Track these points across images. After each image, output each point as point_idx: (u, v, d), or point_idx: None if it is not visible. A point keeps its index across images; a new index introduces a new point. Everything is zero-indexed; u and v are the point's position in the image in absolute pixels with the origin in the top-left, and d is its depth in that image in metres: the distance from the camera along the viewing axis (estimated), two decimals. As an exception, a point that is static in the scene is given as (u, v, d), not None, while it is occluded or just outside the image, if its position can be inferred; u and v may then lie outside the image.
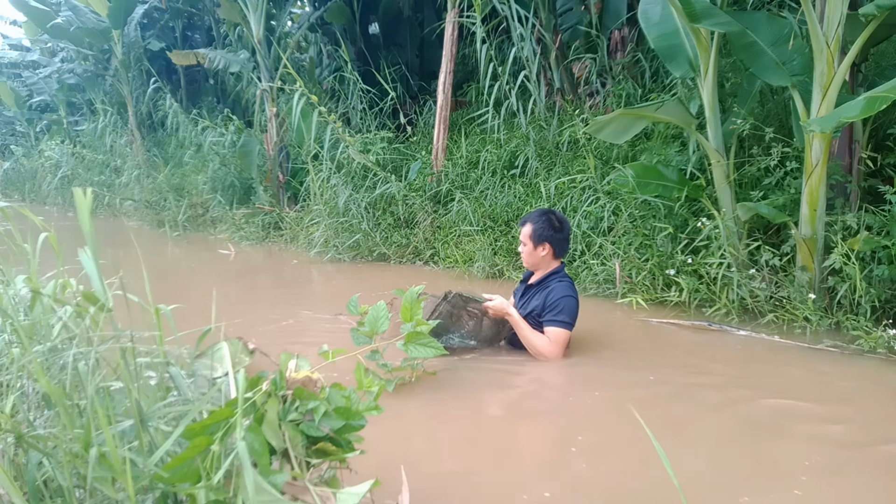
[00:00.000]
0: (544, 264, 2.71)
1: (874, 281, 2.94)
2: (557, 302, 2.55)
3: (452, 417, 2.15)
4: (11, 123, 16.11)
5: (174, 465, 0.95)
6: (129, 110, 10.04)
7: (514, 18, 5.15)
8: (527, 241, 2.68)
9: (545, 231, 2.64)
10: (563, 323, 2.53)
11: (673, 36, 3.63)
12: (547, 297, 2.60)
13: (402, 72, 7.55)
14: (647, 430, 1.04)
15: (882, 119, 3.49)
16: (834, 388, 2.36)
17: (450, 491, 1.62)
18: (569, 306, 2.55)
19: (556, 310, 2.54)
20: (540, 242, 2.65)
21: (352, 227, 5.46)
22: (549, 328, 2.55)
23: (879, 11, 2.73)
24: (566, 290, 2.59)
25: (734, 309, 3.23)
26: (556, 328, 2.54)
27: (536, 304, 2.63)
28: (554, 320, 2.54)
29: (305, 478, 1.09)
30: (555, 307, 2.55)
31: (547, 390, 2.41)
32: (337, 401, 1.18)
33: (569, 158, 4.89)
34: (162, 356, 1.15)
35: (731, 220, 3.43)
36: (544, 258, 2.68)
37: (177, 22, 10.94)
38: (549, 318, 2.56)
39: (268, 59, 6.87)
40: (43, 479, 1.04)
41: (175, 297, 1.40)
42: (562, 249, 2.70)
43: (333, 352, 1.80)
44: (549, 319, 2.56)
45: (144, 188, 9.06)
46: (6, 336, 1.27)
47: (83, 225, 1.05)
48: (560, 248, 2.69)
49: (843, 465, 1.78)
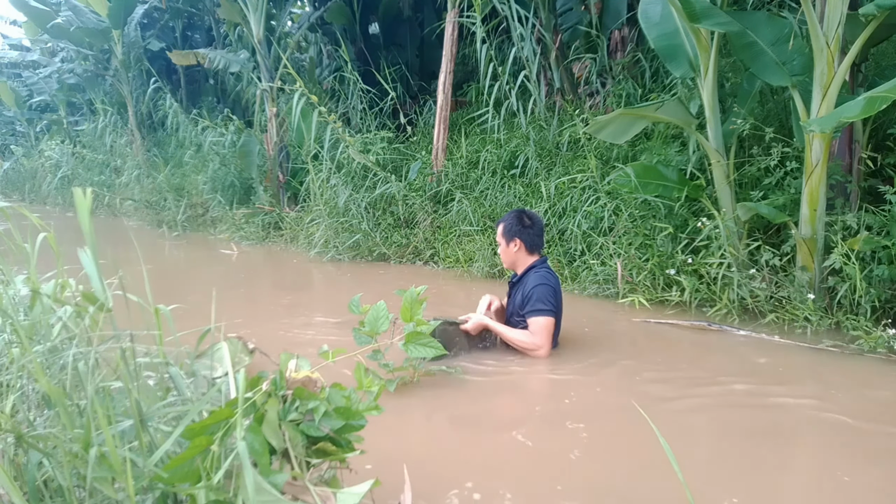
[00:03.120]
0: (521, 261, 2.80)
1: (874, 281, 2.94)
2: (530, 293, 2.65)
3: (453, 417, 2.15)
4: (11, 123, 16.11)
5: (174, 465, 0.95)
6: (129, 110, 10.03)
7: (514, 18, 5.15)
8: (500, 239, 2.82)
9: (514, 227, 2.77)
10: (539, 311, 2.62)
11: (673, 36, 3.63)
12: (523, 292, 2.70)
13: (402, 72, 7.55)
14: (654, 427, 1.04)
15: (882, 119, 3.49)
16: (834, 388, 2.36)
17: (451, 491, 1.62)
18: (541, 293, 2.63)
19: (531, 300, 2.64)
20: (511, 239, 2.77)
21: (352, 227, 5.46)
22: (530, 319, 2.65)
23: (879, 11, 2.72)
24: (537, 280, 2.68)
25: (734, 309, 3.23)
26: (534, 317, 2.63)
27: (518, 301, 2.74)
28: (531, 311, 2.63)
29: (305, 478, 1.08)
30: (529, 298, 2.65)
31: (548, 390, 2.41)
32: (337, 401, 1.18)
33: (569, 158, 4.89)
34: (161, 356, 1.15)
35: (731, 220, 3.43)
36: (518, 254, 2.79)
37: (177, 22, 10.94)
38: (527, 310, 2.66)
39: (268, 59, 6.87)
40: (43, 479, 1.04)
41: (175, 297, 1.40)
42: (533, 244, 2.79)
43: (333, 352, 1.80)
44: (527, 311, 2.65)
45: (144, 188, 9.05)
46: (6, 336, 1.26)
47: (83, 225, 1.05)
48: (531, 243, 2.78)
49: (844, 464, 1.78)
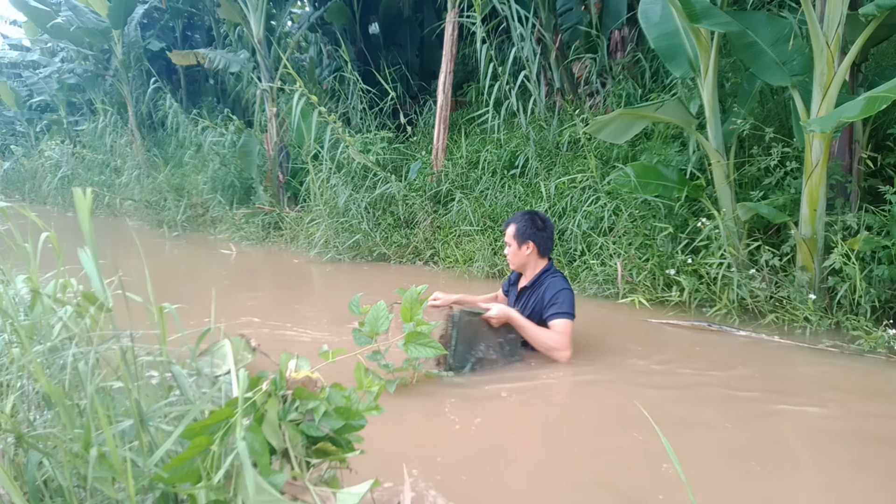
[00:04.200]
0: (531, 264, 2.78)
1: (874, 281, 2.94)
2: (556, 296, 2.62)
3: (453, 418, 2.14)
4: (11, 123, 16.11)
5: (174, 465, 0.95)
6: (129, 110, 10.03)
7: (514, 18, 5.15)
8: (511, 241, 2.76)
9: (528, 230, 2.72)
10: (567, 314, 2.59)
11: (673, 36, 3.63)
12: (545, 294, 2.66)
13: (402, 72, 7.55)
14: (656, 427, 1.04)
15: (882, 119, 3.49)
16: (834, 389, 2.36)
17: (451, 491, 1.62)
18: (567, 298, 2.62)
19: (557, 303, 2.60)
20: (524, 241, 2.73)
21: (352, 227, 5.46)
22: (555, 321, 2.59)
23: (879, 11, 2.72)
24: (562, 284, 2.67)
25: (734, 309, 3.23)
26: (561, 319, 2.58)
27: (536, 304, 2.68)
28: (557, 313, 2.59)
29: (305, 478, 1.09)
30: (555, 301, 2.61)
31: (549, 390, 2.41)
32: (337, 401, 1.18)
33: (569, 158, 4.89)
34: (164, 355, 1.15)
35: (731, 220, 3.43)
36: (529, 257, 2.75)
37: (177, 22, 10.94)
38: (552, 312, 2.61)
39: (268, 59, 6.87)
40: (43, 479, 1.04)
41: (174, 297, 1.39)
42: (546, 247, 2.76)
43: (333, 352, 1.80)
44: (552, 314, 2.60)
45: (144, 188, 9.05)
46: (6, 336, 1.26)
47: (83, 225, 1.05)
48: (544, 246, 2.75)
49: (844, 465, 1.78)
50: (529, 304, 2.71)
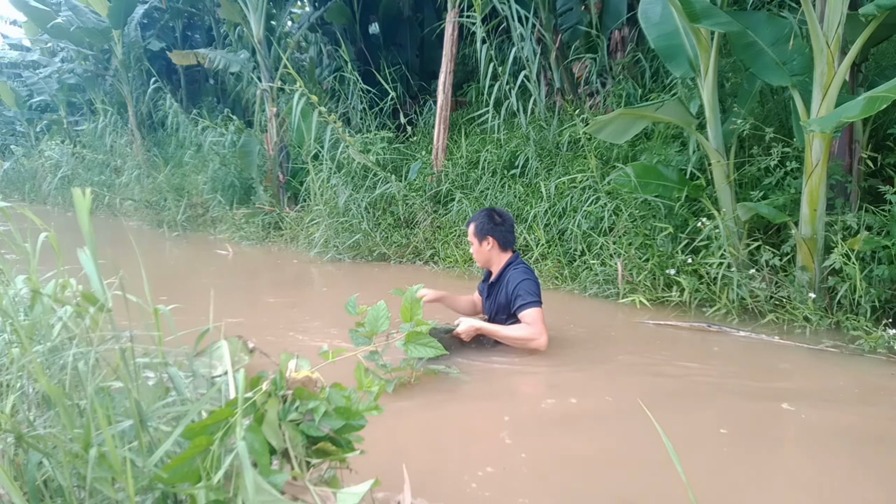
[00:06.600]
0: (495, 259, 2.84)
1: (874, 281, 2.94)
2: (517, 287, 2.68)
3: (453, 417, 2.15)
4: (11, 123, 16.09)
5: (174, 465, 0.95)
6: (129, 110, 10.02)
7: (514, 18, 5.15)
8: (472, 239, 2.85)
9: (486, 225, 2.81)
10: (531, 303, 2.65)
11: (673, 36, 3.63)
12: (508, 288, 2.73)
13: (402, 72, 7.55)
14: (658, 427, 1.04)
15: (882, 119, 3.49)
16: (834, 389, 2.36)
17: (450, 491, 1.62)
18: (529, 287, 2.67)
19: (521, 295, 2.66)
20: (483, 237, 2.81)
21: (352, 227, 5.46)
22: (522, 313, 2.65)
23: (879, 11, 2.72)
24: (522, 275, 2.72)
25: (734, 309, 3.23)
26: (528, 309, 2.64)
27: (501, 299, 2.76)
28: (523, 304, 2.65)
29: (305, 478, 1.08)
30: (518, 293, 2.68)
31: (548, 389, 2.41)
32: (337, 401, 1.18)
33: (569, 158, 4.89)
34: (160, 356, 1.15)
35: (731, 220, 3.43)
36: (492, 252, 2.83)
37: (177, 22, 10.94)
38: (518, 305, 2.67)
39: (268, 59, 6.86)
40: (43, 479, 1.04)
41: (174, 297, 1.40)
42: (506, 241, 2.83)
43: (333, 352, 1.80)
44: (518, 306, 2.67)
45: (144, 188, 9.05)
46: (6, 336, 1.26)
47: (82, 225, 1.05)
48: (504, 240, 2.82)
49: (845, 464, 1.78)
50: (497, 299, 2.79)
